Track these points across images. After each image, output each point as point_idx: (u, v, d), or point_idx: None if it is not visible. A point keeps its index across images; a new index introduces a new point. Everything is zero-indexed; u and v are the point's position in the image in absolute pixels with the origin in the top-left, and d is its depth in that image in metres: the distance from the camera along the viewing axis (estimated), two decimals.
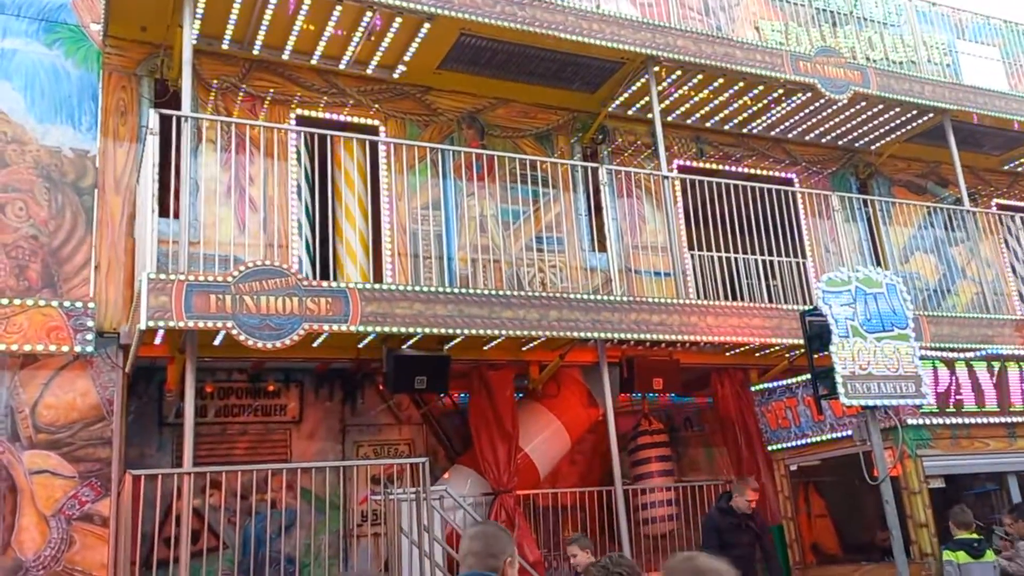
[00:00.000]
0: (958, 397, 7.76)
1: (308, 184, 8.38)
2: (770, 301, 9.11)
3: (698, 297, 8.94)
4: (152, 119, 6.59)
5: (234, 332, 6.15)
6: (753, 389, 8.99)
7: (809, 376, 7.17)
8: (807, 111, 10.39)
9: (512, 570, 2.87)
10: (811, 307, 7.23)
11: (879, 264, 10.82)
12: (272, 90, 8.48)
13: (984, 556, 6.65)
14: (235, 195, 7.82)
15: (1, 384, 6.88)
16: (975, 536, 6.74)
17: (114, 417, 7.10)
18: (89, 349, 7.09)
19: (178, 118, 6.71)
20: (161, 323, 6.01)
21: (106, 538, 6.81)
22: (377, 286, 6.92)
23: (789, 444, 8.40)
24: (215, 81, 8.23)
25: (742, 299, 8.98)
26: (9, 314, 6.95)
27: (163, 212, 6.83)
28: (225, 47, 8.16)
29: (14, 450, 6.78)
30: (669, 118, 10.03)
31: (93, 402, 7.07)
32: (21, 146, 7.45)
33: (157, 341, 6.69)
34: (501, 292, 7.40)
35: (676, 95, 9.74)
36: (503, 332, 7.25)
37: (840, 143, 11.35)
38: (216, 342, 6.66)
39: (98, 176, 7.60)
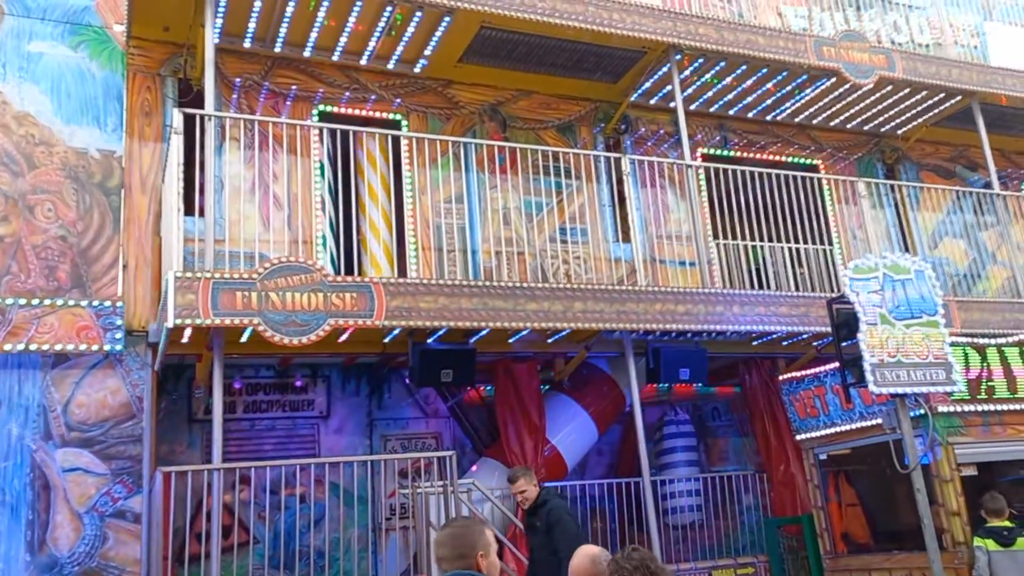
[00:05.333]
0: (990, 384, 7.65)
1: (331, 180, 8.41)
2: (797, 289, 9.03)
3: (724, 286, 8.88)
4: (176, 118, 6.64)
5: (260, 329, 6.19)
6: (781, 378, 8.92)
7: (837, 364, 7.09)
8: (832, 97, 10.27)
9: (486, 561, 2.87)
10: (838, 295, 7.15)
11: (907, 250, 10.68)
12: (295, 87, 8.51)
13: (1014, 544, 6.57)
14: (259, 192, 7.87)
15: (33, 383, 6.97)
16: (1006, 524, 6.66)
17: (144, 415, 7.18)
18: (118, 348, 7.17)
19: (202, 117, 6.75)
20: (188, 321, 6.07)
21: (138, 534, 6.90)
22: (401, 280, 6.94)
23: (818, 433, 8.33)
24: (238, 79, 8.27)
25: (768, 287, 8.90)
26: (40, 314, 7.04)
27: (189, 211, 6.88)
28: (247, 45, 8.21)
29: (47, 448, 6.88)
30: (692, 106, 9.96)
31: (123, 400, 7.15)
32: (49, 148, 7.54)
33: (185, 339, 6.75)
34: (525, 284, 7.39)
35: (699, 83, 9.67)
36: (528, 324, 7.24)
37: (866, 128, 11.20)
38: (243, 339, 6.70)
39: (124, 176, 7.68)
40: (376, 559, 8.46)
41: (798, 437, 8.63)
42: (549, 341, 8.19)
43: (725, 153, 10.42)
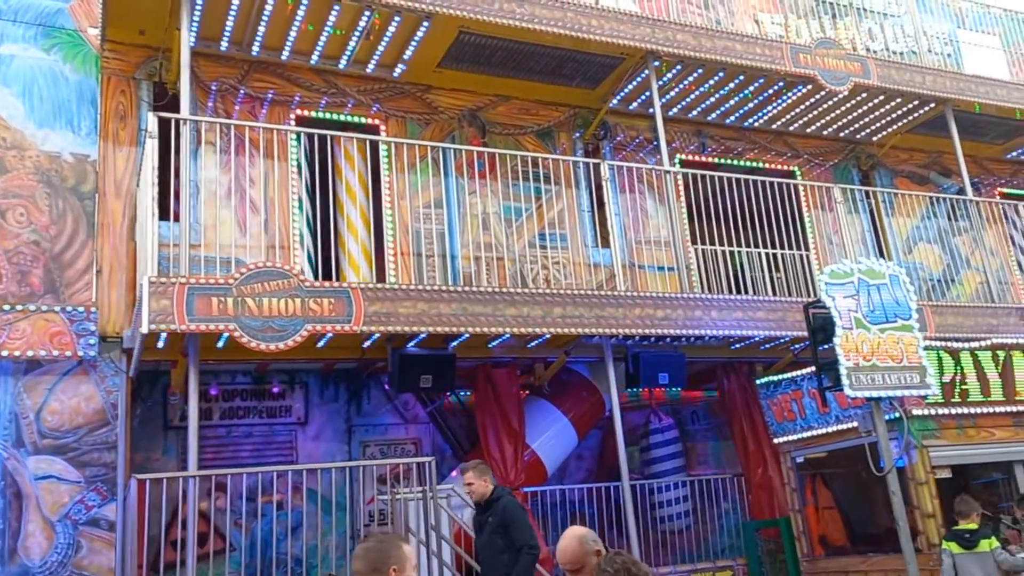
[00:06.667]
0: (963, 387, 7.74)
1: (309, 184, 8.36)
2: (774, 294, 9.09)
3: (702, 291, 8.92)
4: (151, 122, 6.57)
5: (236, 335, 6.13)
6: (758, 382, 8.97)
7: (813, 368, 7.15)
8: (808, 103, 10.35)
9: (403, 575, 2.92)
10: (815, 299, 7.20)
11: (882, 255, 10.78)
12: (272, 91, 8.47)
13: (977, 547, 6.62)
14: (235, 197, 7.81)
15: (5, 390, 6.87)
16: (971, 527, 6.72)
17: (119, 421, 7.10)
18: (92, 354, 7.09)
19: (177, 121, 6.69)
20: (163, 327, 6.00)
21: (113, 542, 6.81)
22: (380, 285, 6.90)
23: (795, 436, 8.39)
24: (214, 83, 8.21)
25: (746, 292, 8.95)
26: (12, 320, 6.94)
27: (164, 215, 6.81)
28: (223, 49, 8.15)
29: (19, 456, 6.78)
30: (670, 113, 10.01)
31: (98, 407, 7.06)
32: (21, 152, 7.45)
33: (160, 345, 6.68)
34: (505, 290, 7.38)
35: (677, 90, 9.72)
36: (507, 330, 7.23)
37: (842, 135, 11.31)
38: (219, 345, 6.65)
39: (98, 180, 7.60)
40: None
41: (775, 440, 8.68)
42: (529, 346, 8.19)
43: (703, 159, 10.48)
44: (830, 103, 10.37)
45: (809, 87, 9.90)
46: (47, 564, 6.62)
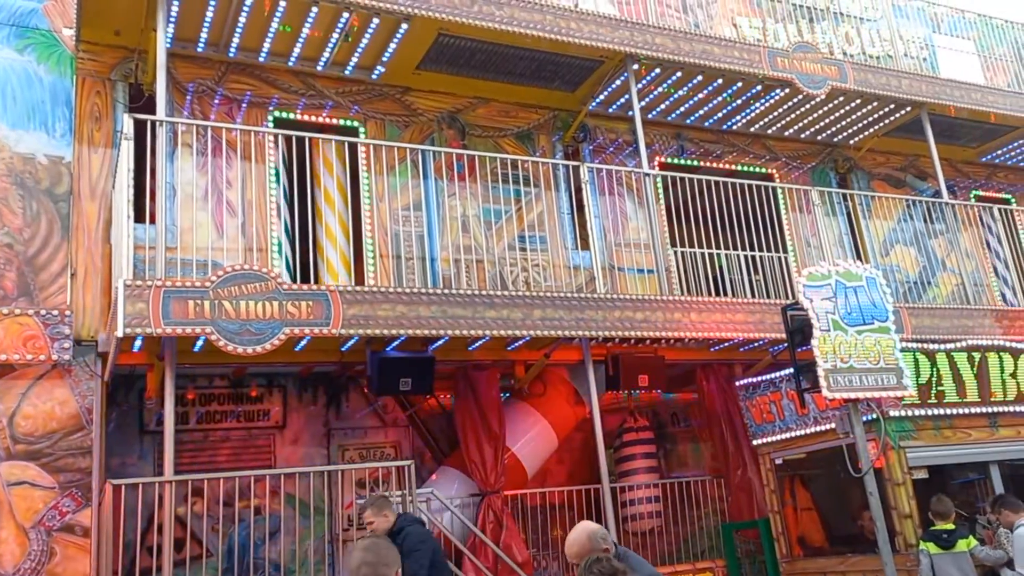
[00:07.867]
0: (940, 388, 7.80)
1: (287, 187, 8.31)
2: (753, 296, 9.13)
3: (682, 293, 8.95)
4: (126, 124, 6.51)
5: (213, 338, 6.08)
6: (737, 384, 9.01)
7: (792, 370, 7.18)
8: (786, 107, 10.42)
9: None
10: (793, 301, 7.24)
11: (860, 257, 10.86)
12: (249, 92, 8.41)
13: (955, 547, 6.67)
14: (212, 199, 7.75)
15: None
16: (948, 527, 6.77)
17: (94, 426, 7.01)
18: (67, 358, 7.00)
19: (153, 123, 6.63)
20: (139, 330, 5.93)
21: (88, 549, 6.72)
22: (359, 288, 6.87)
23: (774, 438, 8.42)
24: (191, 84, 8.15)
25: (726, 295, 8.99)
26: None
27: (139, 218, 6.74)
28: (200, 50, 8.09)
29: None
30: (649, 115, 10.04)
31: (72, 411, 6.97)
32: None
33: (135, 348, 6.62)
34: (485, 292, 7.37)
35: (656, 92, 9.75)
36: (487, 332, 7.22)
37: (819, 138, 11.39)
38: (196, 348, 6.59)
39: (73, 182, 7.51)
40: (333, 571, 8.35)
41: (755, 442, 8.71)
42: (509, 349, 8.18)
43: (682, 162, 10.52)
44: (808, 106, 10.45)
45: (787, 90, 9.97)
46: (20, 572, 6.52)
